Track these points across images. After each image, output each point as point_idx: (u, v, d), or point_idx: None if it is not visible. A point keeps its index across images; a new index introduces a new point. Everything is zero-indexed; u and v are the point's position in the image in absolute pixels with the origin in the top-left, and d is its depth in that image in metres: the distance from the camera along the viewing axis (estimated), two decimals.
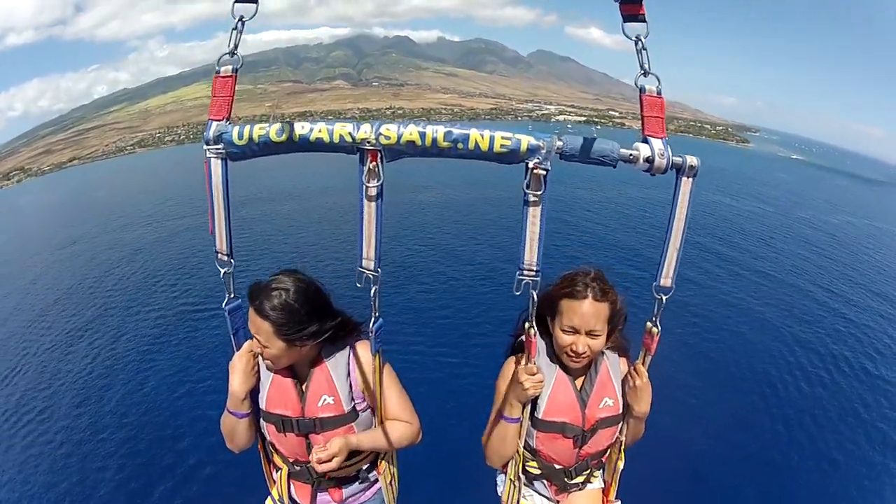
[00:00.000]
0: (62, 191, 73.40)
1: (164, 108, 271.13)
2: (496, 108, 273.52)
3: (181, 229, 30.63)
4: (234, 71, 1.94)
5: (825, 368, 14.88)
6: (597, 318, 2.34)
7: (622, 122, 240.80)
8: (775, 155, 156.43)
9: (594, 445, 2.61)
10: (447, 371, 13.19)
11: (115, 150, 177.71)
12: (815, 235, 33.17)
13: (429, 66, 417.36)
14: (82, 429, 12.15)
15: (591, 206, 35.01)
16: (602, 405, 2.54)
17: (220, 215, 2.05)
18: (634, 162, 1.83)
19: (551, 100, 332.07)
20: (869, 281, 24.52)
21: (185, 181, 54.32)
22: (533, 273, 2.00)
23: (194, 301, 19.11)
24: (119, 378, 14.14)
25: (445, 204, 34.92)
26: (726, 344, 15.79)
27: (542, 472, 2.73)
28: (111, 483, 10.20)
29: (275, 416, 2.45)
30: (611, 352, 2.62)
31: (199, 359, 14.77)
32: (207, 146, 1.94)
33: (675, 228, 1.96)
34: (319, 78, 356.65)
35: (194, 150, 79.47)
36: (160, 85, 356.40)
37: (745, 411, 12.42)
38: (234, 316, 2.32)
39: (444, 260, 22.60)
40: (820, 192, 65.77)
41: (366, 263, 2.02)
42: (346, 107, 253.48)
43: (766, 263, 24.73)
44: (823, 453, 11.26)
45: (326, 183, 39.49)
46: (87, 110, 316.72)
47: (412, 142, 1.81)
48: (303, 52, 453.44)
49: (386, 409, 2.54)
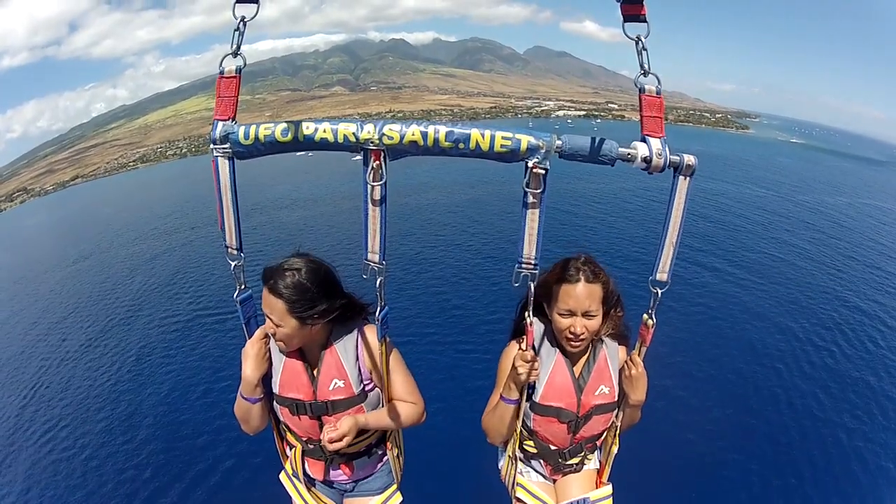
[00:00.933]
0: (68, 209, 74.28)
1: (165, 123, 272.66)
2: (496, 106, 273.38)
3: (191, 239, 31.37)
4: (237, 71, 1.96)
5: (825, 353, 15.04)
6: (591, 299, 2.40)
7: (622, 115, 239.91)
8: (775, 140, 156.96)
9: (588, 430, 2.68)
10: (451, 354, 13.57)
11: (117, 167, 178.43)
12: (816, 219, 33.30)
13: (426, 68, 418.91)
14: (106, 430, 12.71)
15: (590, 200, 35.54)
16: (598, 392, 2.61)
17: (229, 212, 2.10)
18: (632, 161, 1.86)
19: (550, 95, 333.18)
20: (870, 259, 24.76)
21: (191, 192, 55.32)
22: (531, 266, 2.06)
23: (208, 305, 19.62)
24: (139, 379, 14.65)
25: (447, 197, 35.68)
26: (724, 333, 15.98)
27: (539, 452, 2.81)
28: (135, 468, 10.97)
29: (288, 400, 2.53)
30: (610, 340, 2.68)
31: (213, 357, 15.24)
32: (214, 146, 1.97)
33: (671, 225, 2.00)
34: (317, 85, 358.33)
35: (197, 162, 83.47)
36: (159, 100, 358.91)
37: (738, 400, 12.68)
38: (246, 306, 2.39)
39: (447, 249, 23.14)
40: (821, 174, 67.02)
41: (371, 256, 2.09)
42: (345, 112, 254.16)
43: (767, 249, 24.93)
44: (814, 439, 11.54)
45: (333, 179, 40.64)
46: (86, 128, 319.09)
47: (415, 142, 1.85)
48: (299, 60, 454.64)
49: (392, 390, 2.61)
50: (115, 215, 50.39)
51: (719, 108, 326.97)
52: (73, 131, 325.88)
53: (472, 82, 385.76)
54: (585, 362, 2.65)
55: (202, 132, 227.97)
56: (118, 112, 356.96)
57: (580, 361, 2.67)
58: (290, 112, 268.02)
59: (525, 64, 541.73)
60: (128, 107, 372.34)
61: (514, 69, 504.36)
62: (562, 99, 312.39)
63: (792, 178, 55.43)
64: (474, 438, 2.91)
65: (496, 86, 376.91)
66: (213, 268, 24.39)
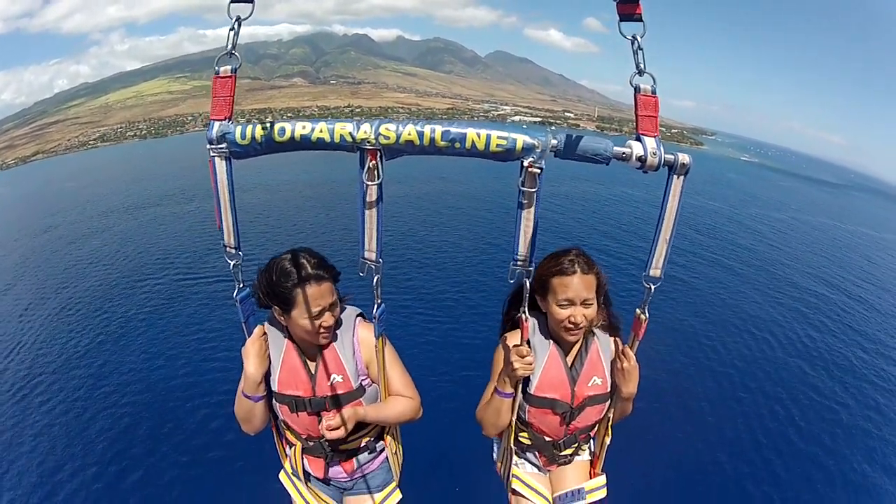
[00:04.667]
0: (32, 184, 70.98)
1: (125, 103, 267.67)
2: (452, 107, 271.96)
3: (159, 215, 31.25)
4: (233, 71, 1.95)
5: (763, 347, 15.47)
6: (588, 288, 2.50)
7: (577, 124, 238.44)
8: (727, 157, 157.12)
9: (582, 421, 2.74)
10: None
11: (77, 145, 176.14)
12: (756, 229, 34.38)
13: (387, 65, 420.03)
14: (85, 411, 11.57)
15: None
16: (591, 384, 2.67)
17: (227, 211, 2.09)
18: (627, 160, 1.87)
19: (507, 100, 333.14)
20: (809, 268, 25.65)
21: (157, 172, 56.21)
22: (526, 263, 2.09)
23: (182, 275, 19.62)
24: (118, 356, 13.75)
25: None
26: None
27: (534, 444, 2.87)
28: (119, 461, 9.88)
29: (287, 398, 2.58)
30: (601, 332, 2.77)
31: (191, 327, 14.79)
32: (211, 146, 1.96)
33: (665, 223, 2.03)
34: (278, 75, 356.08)
35: (159, 144, 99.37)
36: (121, 79, 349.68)
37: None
38: (245, 304, 2.38)
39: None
40: (769, 191, 67.79)
41: (368, 254, 2.11)
42: (304, 104, 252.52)
43: (711, 255, 24.92)
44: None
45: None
46: (48, 104, 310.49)
47: (411, 141, 1.86)
48: (262, 49, 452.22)
49: (389, 386, 2.68)
50: (80, 190, 49.06)
51: (676, 124, 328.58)
52: (37, 106, 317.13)
53: (432, 82, 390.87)
54: (578, 354, 2.71)
55: (162, 115, 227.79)
56: (80, 89, 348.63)
57: (573, 353, 2.72)
58: (250, 101, 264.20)
59: (486, 67, 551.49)
60: (90, 84, 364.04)
61: (475, 72, 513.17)
62: (519, 105, 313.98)
63: (738, 192, 56.03)
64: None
65: (455, 87, 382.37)
66: (185, 238, 24.56)
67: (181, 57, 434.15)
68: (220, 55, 1.91)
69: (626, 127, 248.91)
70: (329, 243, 22.42)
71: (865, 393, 13.47)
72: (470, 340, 13.70)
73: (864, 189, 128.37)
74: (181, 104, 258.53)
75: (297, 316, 2.40)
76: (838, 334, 17.28)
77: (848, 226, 44.69)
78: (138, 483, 9.36)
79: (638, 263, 16.46)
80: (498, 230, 25.76)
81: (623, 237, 26.53)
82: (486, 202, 33.63)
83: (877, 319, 19.41)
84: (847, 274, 25.86)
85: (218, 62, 1.92)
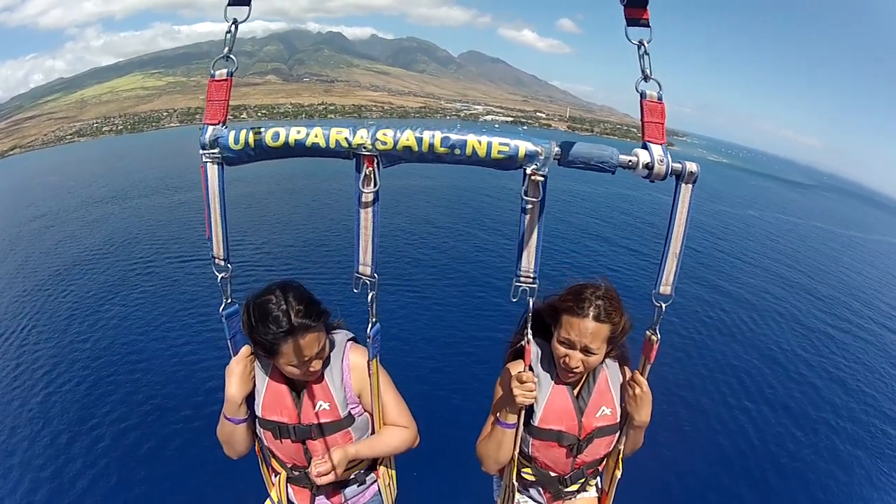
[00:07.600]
0: (13, 178, 70.47)
1: (101, 99, 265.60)
2: (425, 106, 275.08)
3: (140, 207, 31.83)
4: (229, 75, 1.91)
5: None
6: (595, 337, 2.28)
7: (548, 124, 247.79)
8: (697, 157, 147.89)
9: (590, 454, 2.57)
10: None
11: (54, 140, 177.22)
12: (727, 224, 35.65)
13: (360, 64, 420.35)
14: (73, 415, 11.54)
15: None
16: (599, 414, 2.50)
17: (217, 220, 2.02)
18: (633, 168, 1.81)
19: (480, 100, 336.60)
20: (770, 263, 26.68)
21: (137, 166, 58.06)
22: (530, 280, 2.00)
23: (169, 254, 20.68)
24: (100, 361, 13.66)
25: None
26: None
27: (538, 480, 2.68)
28: (107, 481, 9.67)
29: (271, 424, 2.42)
30: (611, 360, 2.58)
31: (179, 341, 14.51)
32: (203, 150, 1.90)
33: (674, 235, 1.94)
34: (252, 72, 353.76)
35: (136, 140, 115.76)
36: (96, 75, 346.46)
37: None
38: (232, 321, 2.26)
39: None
40: (738, 190, 70.05)
41: (362, 269, 2.01)
42: (278, 101, 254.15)
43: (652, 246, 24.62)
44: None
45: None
46: (24, 99, 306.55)
47: (409, 147, 1.81)
48: (236, 46, 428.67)
49: (384, 414, 2.52)
50: (61, 183, 49.64)
51: None
52: (13, 101, 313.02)
53: (405, 81, 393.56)
54: (585, 383, 2.55)
55: (137, 110, 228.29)
56: (55, 84, 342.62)
57: (580, 382, 2.57)
58: None
59: (459, 67, 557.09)
60: (66, 80, 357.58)
61: (448, 72, 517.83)
62: (491, 104, 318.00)
63: (706, 190, 55.26)
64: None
65: (428, 87, 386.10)
66: (166, 229, 25.56)
67: (156, 53, 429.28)
68: (217, 58, 1.92)
69: (598, 127, 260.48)
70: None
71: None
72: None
73: (834, 189, 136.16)
74: (156, 100, 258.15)
75: (283, 363, 2.25)
76: (782, 323, 18.58)
77: (808, 222, 47.30)
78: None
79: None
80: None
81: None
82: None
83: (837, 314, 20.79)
84: (798, 265, 27.56)
85: (214, 65, 1.92)
